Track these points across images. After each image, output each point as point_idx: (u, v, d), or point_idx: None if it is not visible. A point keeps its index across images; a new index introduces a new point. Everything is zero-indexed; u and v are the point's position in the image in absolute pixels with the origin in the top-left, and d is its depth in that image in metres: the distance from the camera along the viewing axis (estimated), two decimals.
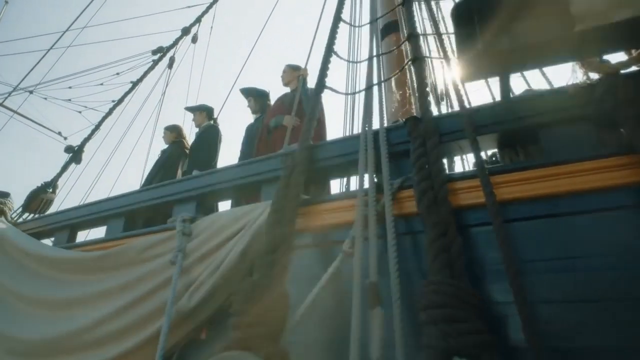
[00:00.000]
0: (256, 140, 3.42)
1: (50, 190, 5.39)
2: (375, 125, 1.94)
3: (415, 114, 2.78)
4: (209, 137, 3.95)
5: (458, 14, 1.67)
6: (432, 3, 2.66)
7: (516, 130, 1.71)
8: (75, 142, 7.46)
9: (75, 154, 6.42)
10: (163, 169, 3.99)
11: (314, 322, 1.57)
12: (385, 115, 2.05)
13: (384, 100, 2.03)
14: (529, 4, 1.57)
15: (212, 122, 4.22)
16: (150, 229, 2.46)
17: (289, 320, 1.51)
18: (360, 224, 1.59)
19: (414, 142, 1.70)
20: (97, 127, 8.19)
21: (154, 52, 8.39)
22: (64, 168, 5.85)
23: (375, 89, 2.21)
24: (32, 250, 2.62)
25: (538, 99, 1.68)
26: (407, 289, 1.41)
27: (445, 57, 2.00)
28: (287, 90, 3.71)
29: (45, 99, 9.18)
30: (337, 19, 2.81)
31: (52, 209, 5.21)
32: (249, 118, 4.09)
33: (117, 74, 8.81)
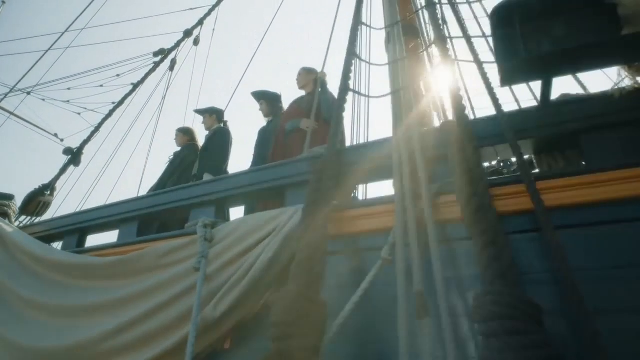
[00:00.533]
0: (272, 144, 3.36)
1: (48, 192, 5.29)
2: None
3: (440, 118, 2.73)
4: (220, 140, 3.88)
5: (498, 16, 1.63)
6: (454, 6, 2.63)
7: (556, 135, 1.67)
8: (74, 143, 7.35)
9: (74, 156, 6.31)
10: (178, 172, 3.90)
11: (353, 333, 1.52)
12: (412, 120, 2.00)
13: (414, 103, 1.99)
14: (573, 5, 1.54)
15: (222, 124, 4.15)
16: (168, 234, 2.40)
17: (328, 330, 1.45)
18: (401, 230, 1.54)
19: (452, 146, 1.65)
20: (97, 129, 8.06)
21: (156, 54, 8.30)
22: (63, 170, 5.75)
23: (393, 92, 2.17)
24: (43, 255, 2.54)
25: (580, 104, 1.64)
26: (452, 298, 1.36)
27: (477, 60, 1.96)
28: (301, 93, 3.66)
29: (44, 100, 9.06)
30: (357, 21, 2.77)
31: (49, 212, 5.13)
32: (253, 120, 4.06)
33: (118, 75, 8.69)
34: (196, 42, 8.59)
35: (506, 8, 1.64)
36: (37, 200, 4.73)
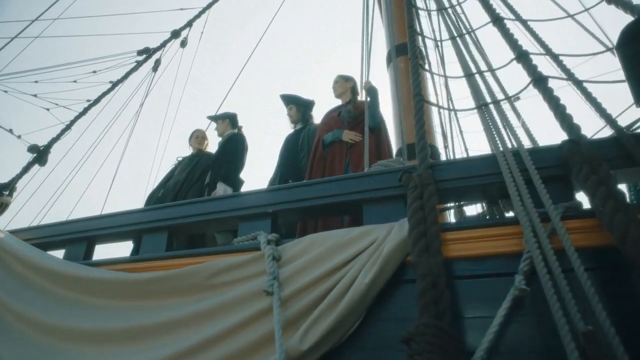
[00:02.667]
0: (306, 155, 3.12)
1: (7, 193, 4.79)
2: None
3: None
4: (234, 146, 3.59)
5: (631, 34, 1.55)
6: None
7: None
8: (39, 141, 6.72)
9: (40, 154, 5.78)
10: (195, 179, 3.55)
11: None
12: (509, 136, 1.87)
13: (514, 119, 1.86)
14: None
15: (235, 130, 3.86)
16: (215, 249, 2.11)
17: None
18: (538, 256, 1.38)
19: (580, 167, 1.52)
20: (69, 127, 7.44)
21: (140, 53, 7.83)
22: (26, 169, 5.24)
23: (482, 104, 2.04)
24: (56, 268, 2.16)
25: None
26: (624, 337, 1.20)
27: (571, 77, 1.87)
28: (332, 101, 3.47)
29: (6, 92, 8.26)
30: (412, 31, 2.65)
31: (7, 214, 4.62)
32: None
33: (94, 72, 8.11)
34: (183, 44, 8.22)
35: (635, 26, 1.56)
36: None
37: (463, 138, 4.80)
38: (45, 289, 2.12)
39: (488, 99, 2.05)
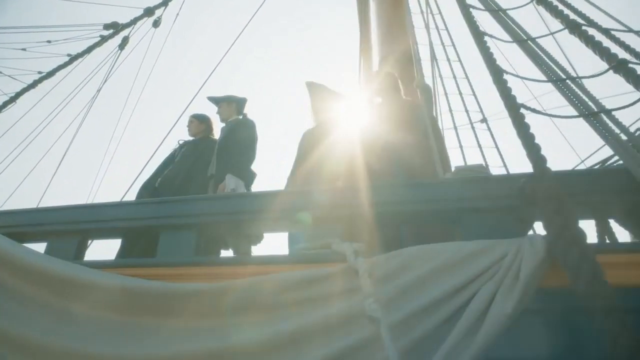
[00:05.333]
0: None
1: None
2: None
3: None
4: (245, 134, 3.12)
5: None
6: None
7: None
8: None
9: None
10: (193, 170, 3.03)
11: None
12: None
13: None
14: None
15: (240, 116, 3.40)
16: (269, 258, 1.69)
17: None
18: None
19: None
20: (14, 99, 6.52)
21: (106, 27, 7.04)
22: None
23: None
24: (59, 272, 1.63)
25: None
26: None
27: None
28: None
29: None
30: (479, 34, 2.43)
31: None
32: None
33: (49, 41, 7.17)
34: (156, 23, 7.52)
35: None
36: None
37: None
38: (63, 307, 1.58)
39: (593, 107, 1.84)
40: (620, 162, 1.77)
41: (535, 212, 1.61)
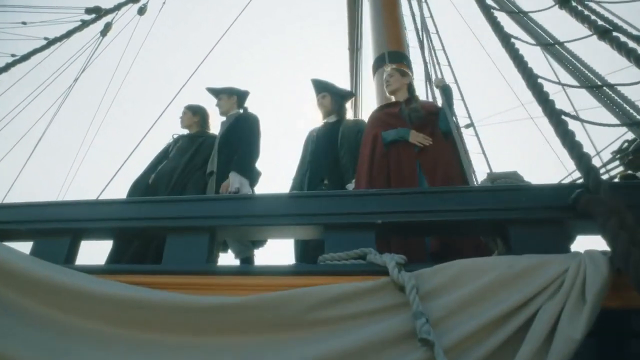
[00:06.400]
0: (366, 153, 2.57)
1: None
2: None
3: None
4: (250, 129, 2.92)
5: None
6: None
7: None
8: None
9: None
10: (190, 166, 2.80)
11: None
12: None
13: None
14: None
15: (241, 110, 3.19)
16: (298, 267, 1.53)
17: None
18: None
19: None
20: None
21: (88, 11, 6.66)
22: None
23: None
24: (66, 284, 1.41)
25: None
26: None
27: None
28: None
29: None
30: (506, 36, 2.33)
31: None
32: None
33: (24, 23, 6.73)
34: (142, 11, 7.19)
35: None
36: None
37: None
38: (53, 319, 1.36)
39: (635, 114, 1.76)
40: None
41: (584, 225, 1.52)
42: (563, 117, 1.77)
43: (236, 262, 2.79)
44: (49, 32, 6.51)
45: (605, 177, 2.45)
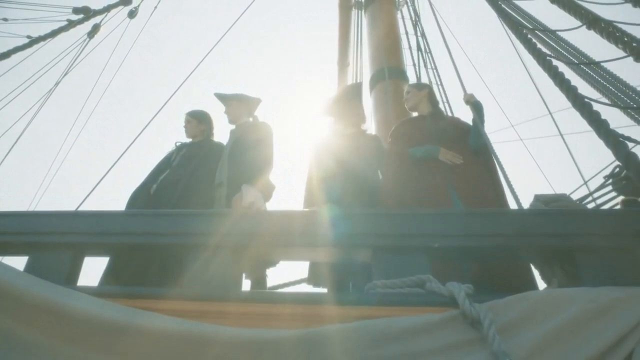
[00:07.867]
0: (391, 169, 2.40)
1: None
2: None
3: None
4: (263, 140, 2.72)
5: None
6: None
7: None
8: None
9: None
10: (194, 175, 2.58)
11: None
12: None
13: None
14: None
15: (251, 119, 2.99)
16: (346, 296, 1.35)
17: None
18: None
19: None
20: None
21: (76, 11, 6.37)
22: None
23: None
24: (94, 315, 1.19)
25: None
26: None
27: None
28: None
29: None
30: (542, 55, 2.26)
31: None
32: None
33: (5, 19, 6.37)
34: (132, 14, 6.93)
35: None
36: None
37: None
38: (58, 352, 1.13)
39: None
40: None
41: None
42: (621, 139, 1.67)
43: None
44: (33, 30, 6.18)
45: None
